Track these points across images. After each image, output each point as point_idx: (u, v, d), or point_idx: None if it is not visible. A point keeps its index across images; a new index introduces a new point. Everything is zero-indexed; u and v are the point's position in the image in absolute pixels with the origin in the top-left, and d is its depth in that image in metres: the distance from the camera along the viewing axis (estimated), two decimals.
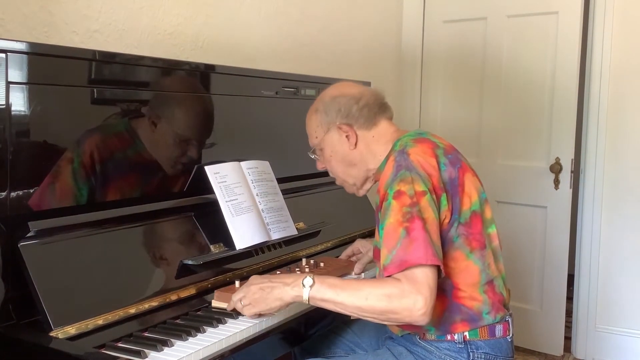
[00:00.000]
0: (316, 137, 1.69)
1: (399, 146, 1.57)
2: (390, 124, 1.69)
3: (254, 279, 1.52)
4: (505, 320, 1.59)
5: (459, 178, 1.54)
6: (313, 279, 1.43)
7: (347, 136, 1.63)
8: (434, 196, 1.47)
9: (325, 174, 2.02)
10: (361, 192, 1.73)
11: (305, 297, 1.43)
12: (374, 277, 1.81)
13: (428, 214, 1.43)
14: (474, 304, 1.53)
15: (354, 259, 1.98)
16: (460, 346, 1.54)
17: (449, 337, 1.54)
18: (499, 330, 1.56)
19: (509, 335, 1.59)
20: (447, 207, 1.49)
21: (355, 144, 1.64)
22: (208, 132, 1.87)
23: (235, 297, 1.52)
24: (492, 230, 1.61)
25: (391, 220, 1.42)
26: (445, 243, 1.50)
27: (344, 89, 1.69)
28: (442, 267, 1.41)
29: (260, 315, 1.51)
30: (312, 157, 1.75)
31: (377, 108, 1.66)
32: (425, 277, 1.37)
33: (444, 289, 1.51)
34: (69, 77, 1.47)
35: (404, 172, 1.47)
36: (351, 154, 1.65)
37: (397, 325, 1.60)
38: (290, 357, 1.95)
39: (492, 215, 1.63)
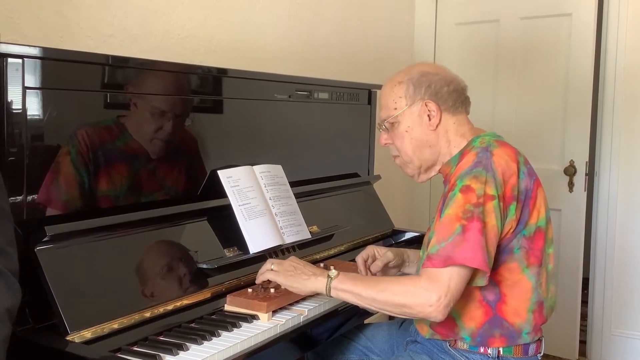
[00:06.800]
0: (395, 109, 1.59)
1: (479, 143, 1.53)
2: (468, 119, 1.64)
3: (292, 258, 1.60)
4: (539, 339, 1.57)
5: (533, 190, 1.51)
6: (337, 272, 1.51)
7: (429, 115, 1.56)
8: (502, 204, 1.43)
9: (338, 177, 2.02)
10: (422, 178, 1.65)
11: (328, 285, 1.49)
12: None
13: (489, 219, 1.40)
14: (516, 320, 1.49)
15: (369, 261, 1.96)
16: None
17: (482, 349, 1.51)
18: (532, 348, 1.54)
19: (540, 353, 1.57)
20: (514, 217, 1.46)
21: (437, 126, 1.57)
22: (222, 136, 1.87)
23: (269, 264, 1.59)
24: (551, 251, 1.57)
25: (450, 212, 1.40)
26: (505, 252, 1.47)
27: (434, 68, 1.62)
28: (487, 275, 1.40)
29: (276, 286, 1.61)
30: (380, 129, 1.65)
31: (464, 97, 1.61)
32: (448, 279, 1.36)
33: (490, 300, 1.48)
34: (84, 81, 1.47)
35: (480, 170, 1.43)
36: (429, 135, 1.58)
37: (428, 326, 1.57)
38: None
39: (552, 237, 1.58)
